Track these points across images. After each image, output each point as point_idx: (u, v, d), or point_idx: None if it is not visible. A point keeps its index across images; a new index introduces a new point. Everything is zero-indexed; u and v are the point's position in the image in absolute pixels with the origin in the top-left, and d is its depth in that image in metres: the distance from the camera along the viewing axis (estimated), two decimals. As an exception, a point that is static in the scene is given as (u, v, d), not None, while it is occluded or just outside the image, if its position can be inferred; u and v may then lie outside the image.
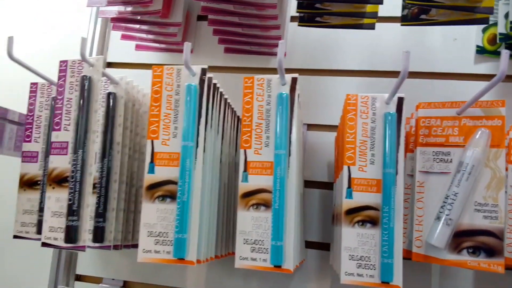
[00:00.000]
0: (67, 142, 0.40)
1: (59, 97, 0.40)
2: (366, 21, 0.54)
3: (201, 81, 0.38)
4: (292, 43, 0.65)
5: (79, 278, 0.66)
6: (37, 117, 0.48)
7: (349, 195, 0.38)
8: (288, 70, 0.66)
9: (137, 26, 0.62)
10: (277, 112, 0.38)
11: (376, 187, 0.38)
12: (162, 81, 0.39)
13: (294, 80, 0.39)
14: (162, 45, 0.67)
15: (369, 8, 0.52)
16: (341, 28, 0.56)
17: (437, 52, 0.62)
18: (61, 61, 0.41)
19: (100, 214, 0.41)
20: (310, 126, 0.64)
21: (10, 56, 0.40)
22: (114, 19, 0.59)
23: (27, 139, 0.47)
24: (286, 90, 0.39)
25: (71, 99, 0.40)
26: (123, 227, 0.43)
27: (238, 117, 0.54)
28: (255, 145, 0.38)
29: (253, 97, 0.39)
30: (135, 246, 0.46)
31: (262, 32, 0.59)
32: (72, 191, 0.37)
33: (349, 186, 0.38)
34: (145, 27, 0.62)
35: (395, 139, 0.38)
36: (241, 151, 0.39)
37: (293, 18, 0.65)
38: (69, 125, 0.40)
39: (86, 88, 0.39)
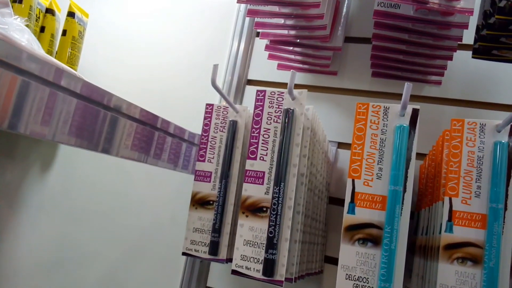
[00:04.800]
0: (263, 172, 0.40)
1: (256, 126, 0.41)
2: (555, 57, 0.49)
3: (412, 122, 0.37)
4: (450, 71, 0.62)
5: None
6: (212, 138, 0.49)
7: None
8: (444, 100, 0.62)
9: (291, 48, 0.62)
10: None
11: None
12: (367, 119, 0.38)
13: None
14: (305, 66, 0.67)
15: None
16: (521, 62, 0.52)
17: None
18: (258, 91, 0.41)
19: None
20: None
21: (213, 83, 0.41)
22: (272, 41, 0.60)
23: (201, 159, 0.49)
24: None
25: (268, 129, 0.40)
26: (301, 259, 0.43)
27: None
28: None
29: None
30: (302, 277, 0.46)
31: (426, 61, 0.56)
32: (273, 223, 0.37)
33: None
34: (299, 49, 0.62)
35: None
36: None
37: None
38: (265, 155, 0.40)
39: (289, 120, 0.39)
